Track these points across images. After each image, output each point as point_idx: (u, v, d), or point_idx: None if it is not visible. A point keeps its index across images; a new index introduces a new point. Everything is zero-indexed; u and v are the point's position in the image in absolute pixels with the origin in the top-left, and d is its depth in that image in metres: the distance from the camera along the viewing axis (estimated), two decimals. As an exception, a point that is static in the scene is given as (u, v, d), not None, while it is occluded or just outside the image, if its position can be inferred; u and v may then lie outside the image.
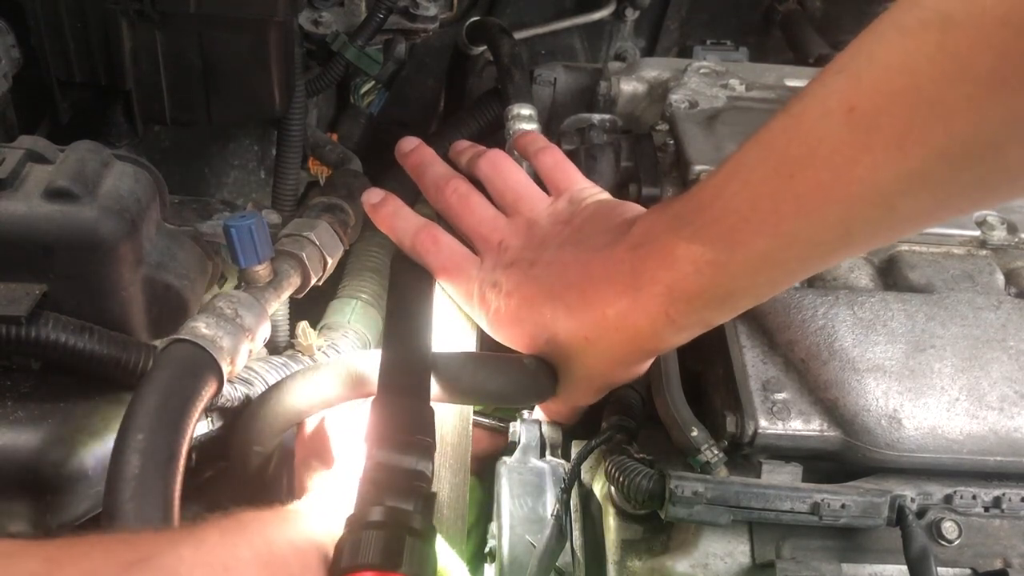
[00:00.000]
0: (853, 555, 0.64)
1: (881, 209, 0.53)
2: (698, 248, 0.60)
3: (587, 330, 0.68)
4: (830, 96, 0.52)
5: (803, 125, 0.54)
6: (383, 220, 0.82)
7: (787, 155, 0.55)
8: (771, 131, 0.56)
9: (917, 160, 0.49)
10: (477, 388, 0.74)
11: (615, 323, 0.66)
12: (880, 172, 0.50)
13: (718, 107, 0.93)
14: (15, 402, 0.70)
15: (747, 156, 0.58)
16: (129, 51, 0.96)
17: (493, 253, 0.77)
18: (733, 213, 0.58)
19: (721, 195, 0.59)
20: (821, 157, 0.52)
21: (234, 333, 0.70)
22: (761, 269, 0.59)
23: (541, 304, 0.71)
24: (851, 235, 0.55)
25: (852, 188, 0.52)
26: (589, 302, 0.67)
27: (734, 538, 0.65)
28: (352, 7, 1.16)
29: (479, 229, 0.79)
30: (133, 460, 0.59)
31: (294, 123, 1.10)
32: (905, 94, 0.48)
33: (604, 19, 1.42)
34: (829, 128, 0.52)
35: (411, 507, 0.55)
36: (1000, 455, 0.66)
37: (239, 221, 0.73)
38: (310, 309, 1.00)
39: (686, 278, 0.61)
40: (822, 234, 0.55)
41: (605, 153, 0.90)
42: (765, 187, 0.56)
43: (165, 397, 0.63)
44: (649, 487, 0.63)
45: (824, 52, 1.27)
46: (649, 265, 0.64)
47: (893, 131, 0.49)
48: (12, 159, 0.72)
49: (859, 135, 0.50)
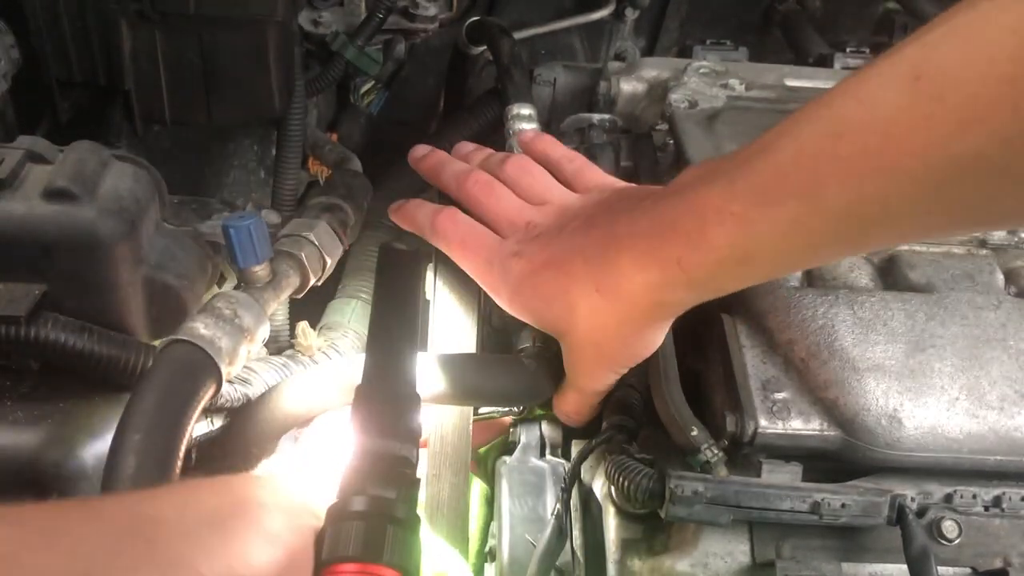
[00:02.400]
0: (853, 554, 0.64)
1: (925, 191, 0.50)
2: (727, 199, 0.57)
3: (600, 279, 0.66)
4: (900, 62, 0.49)
5: (865, 86, 0.51)
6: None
7: (840, 114, 0.52)
8: (831, 92, 0.53)
9: (977, 142, 0.46)
10: (477, 389, 0.74)
11: (627, 271, 0.64)
12: (934, 149, 0.47)
13: (718, 107, 0.93)
14: (15, 402, 0.71)
15: (802, 113, 0.55)
16: (129, 51, 0.96)
17: (520, 232, 0.75)
18: (772, 168, 0.55)
19: (766, 149, 0.56)
20: (876, 121, 0.50)
21: (233, 334, 0.70)
22: (788, 234, 0.56)
23: (561, 263, 0.68)
24: (886, 216, 0.52)
25: (900, 160, 0.49)
26: (606, 253, 0.65)
27: (734, 538, 0.65)
28: (352, 7, 1.16)
29: (506, 214, 0.77)
30: (129, 460, 0.59)
31: (294, 123, 1.10)
32: (978, 66, 0.46)
33: (604, 19, 1.42)
34: (891, 93, 0.49)
35: (393, 495, 0.53)
36: (1000, 454, 0.66)
37: (238, 222, 0.73)
38: (310, 309, 1.00)
39: (707, 227, 0.58)
40: (857, 206, 0.52)
41: (605, 153, 0.90)
42: (811, 144, 0.53)
43: (163, 398, 0.63)
44: (649, 487, 0.63)
45: (824, 52, 1.27)
46: (672, 213, 0.61)
47: (958, 106, 0.46)
48: (11, 159, 0.72)
49: (921, 104, 0.48)
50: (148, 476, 0.59)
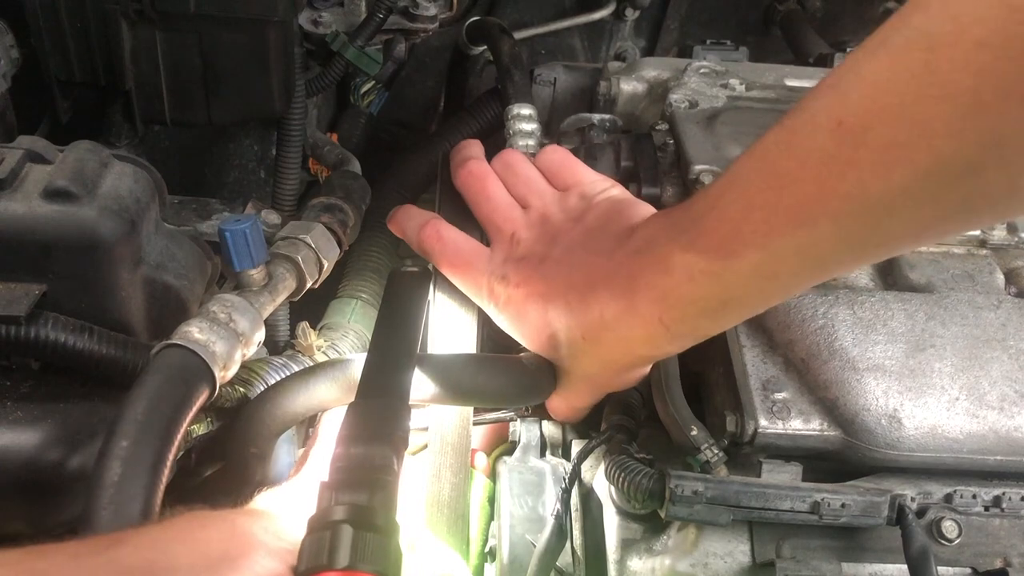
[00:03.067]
0: (853, 554, 0.64)
1: (868, 226, 0.53)
2: (693, 257, 0.60)
3: (585, 330, 0.69)
4: (820, 111, 0.53)
5: (795, 138, 0.54)
6: (394, 225, 0.85)
7: (778, 167, 0.55)
8: (766, 143, 0.57)
9: (902, 178, 0.49)
10: (477, 389, 0.74)
11: (611, 326, 0.67)
12: (867, 188, 0.50)
13: (718, 107, 0.93)
14: (14, 402, 0.70)
15: (743, 167, 0.59)
16: (129, 51, 0.96)
17: (505, 245, 0.78)
18: (727, 223, 0.58)
19: (717, 205, 0.60)
20: (810, 170, 0.53)
21: (228, 338, 0.70)
22: (754, 280, 0.59)
23: (546, 301, 0.71)
24: (840, 251, 0.56)
25: (840, 203, 0.52)
26: (588, 304, 0.68)
27: (734, 537, 0.65)
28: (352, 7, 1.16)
29: (493, 217, 0.80)
30: (114, 467, 0.58)
31: (294, 123, 1.10)
32: (890, 111, 0.49)
33: (604, 19, 1.42)
34: (818, 142, 0.52)
35: (370, 502, 0.53)
36: (1000, 454, 0.66)
37: (234, 225, 0.73)
38: (310, 309, 1.00)
39: (680, 286, 0.62)
40: (812, 248, 0.55)
41: (605, 153, 0.90)
42: (758, 199, 0.56)
43: (154, 403, 0.62)
44: (649, 486, 0.63)
45: (824, 52, 1.27)
46: (646, 272, 0.64)
47: (879, 147, 0.49)
48: (11, 159, 0.72)
49: (846, 150, 0.51)
50: (132, 483, 0.58)
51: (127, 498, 0.58)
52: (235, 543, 0.53)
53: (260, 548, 0.53)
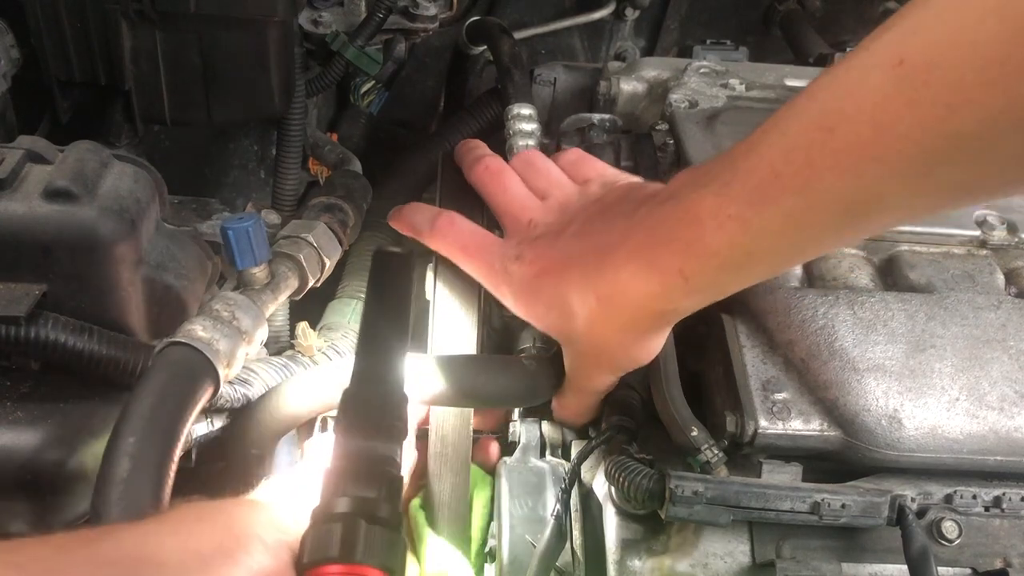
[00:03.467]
0: (853, 555, 0.64)
1: (920, 174, 0.49)
2: (723, 202, 0.56)
3: (600, 290, 0.65)
4: (880, 49, 0.49)
5: (848, 76, 0.51)
6: (400, 222, 0.81)
7: (828, 107, 0.52)
8: (814, 86, 0.53)
9: (967, 122, 0.46)
10: (478, 390, 0.74)
11: (627, 283, 0.63)
12: (926, 132, 0.47)
13: (718, 107, 0.93)
14: (15, 402, 0.71)
15: (787, 110, 0.54)
16: (129, 51, 0.96)
17: (521, 230, 0.75)
18: (765, 166, 0.54)
19: (755, 148, 0.56)
20: (865, 111, 0.49)
21: (231, 336, 0.70)
22: (786, 230, 0.56)
23: (561, 272, 0.68)
24: (880, 202, 0.52)
25: (893, 146, 0.48)
26: (605, 263, 0.65)
27: (734, 538, 0.65)
28: (352, 7, 1.16)
29: (510, 207, 0.77)
30: (123, 463, 0.59)
31: (294, 123, 1.10)
32: (961, 48, 0.45)
33: (604, 19, 1.42)
34: (876, 81, 0.49)
35: (375, 494, 0.53)
36: (1000, 455, 0.66)
37: (236, 224, 0.73)
38: (310, 309, 1.00)
39: (706, 234, 0.58)
40: (855, 194, 0.52)
41: (605, 153, 0.90)
42: (802, 139, 0.52)
43: (159, 401, 0.63)
44: (649, 487, 0.63)
45: (824, 52, 1.27)
46: (669, 221, 0.61)
47: (944, 88, 0.46)
48: (12, 159, 0.72)
49: (906, 90, 0.47)
50: (141, 479, 0.59)
51: (137, 494, 0.59)
52: (229, 536, 0.53)
53: (255, 542, 0.52)
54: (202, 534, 0.52)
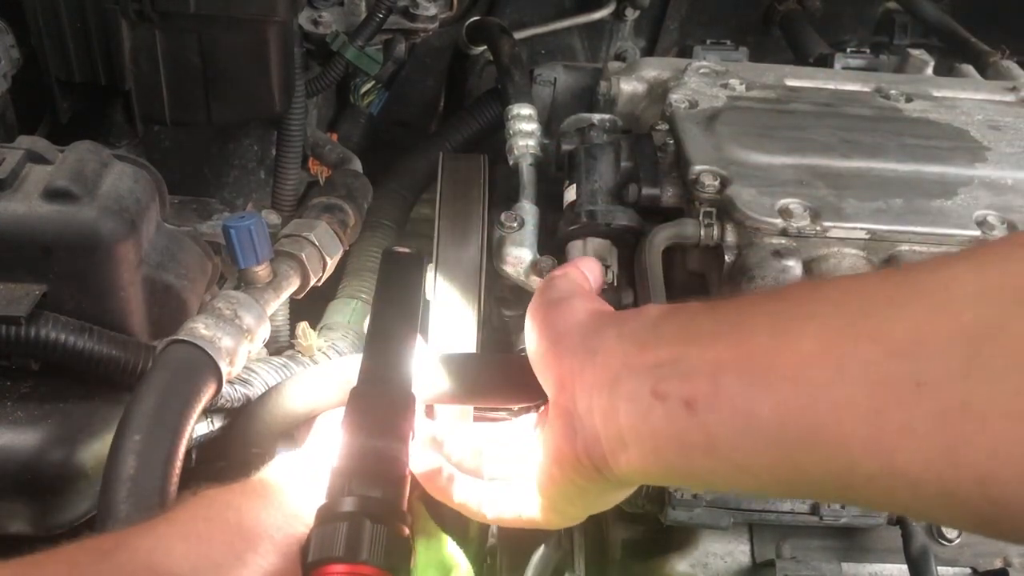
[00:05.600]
0: (853, 554, 0.64)
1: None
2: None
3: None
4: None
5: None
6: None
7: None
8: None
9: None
10: (479, 389, 0.74)
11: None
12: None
13: (718, 107, 0.93)
14: (15, 402, 0.71)
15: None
16: (129, 51, 0.96)
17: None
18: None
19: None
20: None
21: (233, 334, 0.70)
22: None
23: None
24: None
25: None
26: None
27: (734, 538, 0.65)
28: (352, 7, 1.16)
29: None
30: (129, 461, 0.59)
31: (294, 123, 1.10)
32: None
33: (604, 19, 1.42)
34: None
35: (381, 494, 0.53)
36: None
37: (238, 222, 0.73)
38: (310, 309, 1.00)
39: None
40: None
41: (605, 153, 0.90)
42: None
43: (163, 398, 0.63)
44: (649, 491, 0.63)
45: (824, 52, 1.27)
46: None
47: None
48: (12, 159, 0.72)
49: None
50: (147, 476, 0.59)
51: (145, 491, 0.59)
52: (239, 537, 0.53)
53: (265, 541, 0.53)
54: (212, 536, 0.53)
